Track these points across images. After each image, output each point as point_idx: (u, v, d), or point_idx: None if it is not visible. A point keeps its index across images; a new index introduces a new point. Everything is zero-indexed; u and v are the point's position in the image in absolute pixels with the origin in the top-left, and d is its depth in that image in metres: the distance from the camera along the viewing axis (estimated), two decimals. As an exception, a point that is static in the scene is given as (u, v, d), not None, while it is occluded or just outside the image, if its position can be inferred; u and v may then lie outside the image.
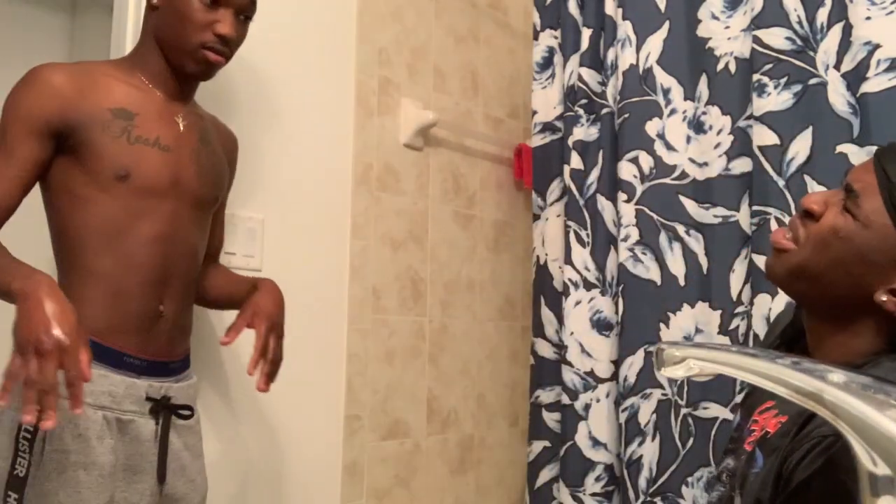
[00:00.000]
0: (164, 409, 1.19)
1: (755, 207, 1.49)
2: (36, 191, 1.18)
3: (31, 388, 0.92)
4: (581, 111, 1.80)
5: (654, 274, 1.63)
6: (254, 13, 1.30)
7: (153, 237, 1.19)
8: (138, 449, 1.16)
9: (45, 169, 1.15)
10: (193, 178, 1.25)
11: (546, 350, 1.87)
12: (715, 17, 1.61)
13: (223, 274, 1.42)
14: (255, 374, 1.24)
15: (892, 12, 1.37)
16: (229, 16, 1.24)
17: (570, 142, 1.81)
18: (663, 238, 1.63)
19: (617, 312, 1.68)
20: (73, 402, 0.95)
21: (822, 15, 1.46)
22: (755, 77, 1.50)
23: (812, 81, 1.46)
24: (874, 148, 1.36)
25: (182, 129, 1.25)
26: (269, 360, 1.26)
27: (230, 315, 1.56)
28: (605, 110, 1.76)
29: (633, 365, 1.62)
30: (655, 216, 1.64)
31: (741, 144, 1.56)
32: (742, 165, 1.55)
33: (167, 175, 1.21)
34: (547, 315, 1.87)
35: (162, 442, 1.19)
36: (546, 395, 1.86)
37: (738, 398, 1.50)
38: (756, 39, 1.51)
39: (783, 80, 1.48)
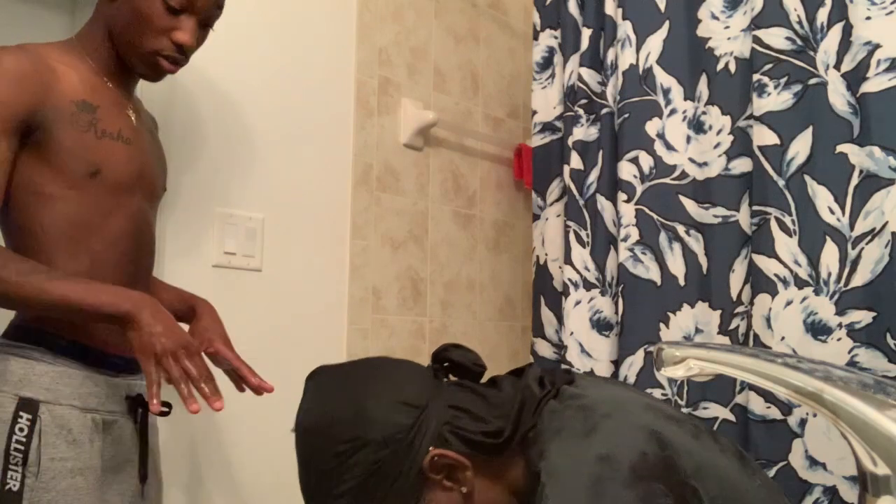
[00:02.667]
0: (140, 407, 1.18)
1: (755, 207, 1.49)
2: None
3: (188, 383, 1.03)
4: (581, 111, 1.80)
5: (654, 274, 1.63)
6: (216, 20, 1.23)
7: (122, 234, 1.15)
8: (119, 449, 1.15)
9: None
10: (151, 171, 1.23)
11: (546, 350, 1.87)
12: (715, 17, 1.61)
13: (155, 282, 1.36)
14: (251, 382, 1.24)
15: (892, 12, 1.36)
16: (191, 24, 1.16)
17: (569, 142, 1.81)
18: (663, 238, 1.63)
19: (617, 312, 1.68)
20: (215, 397, 1.05)
21: (822, 15, 1.46)
22: (755, 77, 1.50)
23: (812, 81, 1.46)
24: (874, 148, 1.37)
25: (135, 121, 1.21)
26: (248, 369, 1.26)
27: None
28: (604, 110, 1.76)
29: (633, 365, 1.62)
30: (655, 216, 1.64)
31: (741, 144, 1.56)
32: (742, 165, 1.55)
33: (133, 169, 1.17)
34: (547, 315, 1.87)
35: (142, 440, 1.17)
36: (546, 395, 1.86)
37: (739, 398, 1.50)
38: (756, 39, 1.51)
39: (783, 80, 1.48)
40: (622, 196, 1.67)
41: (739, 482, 0.82)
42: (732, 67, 1.58)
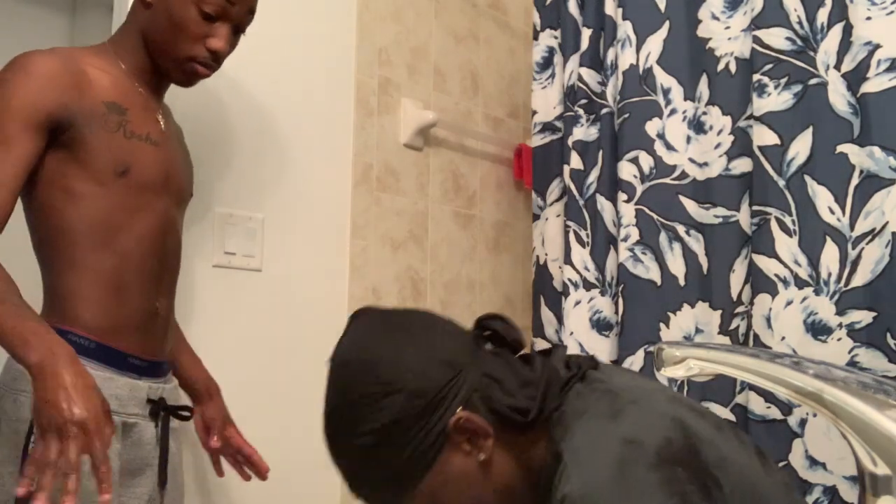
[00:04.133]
0: (163, 411, 1.18)
1: (755, 207, 1.49)
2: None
3: (48, 470, 0.87)
4: (581, 111, 1.80)
5: (654, 274, 1.63)
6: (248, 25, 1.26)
7: (148, 233, 1.16)
8: (138, 453, 1.15)
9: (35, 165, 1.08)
10: (179, 174, 1.24)
11: (546, 350, 1.87)
12: (715, 18, 1.61)
13: (185, 347, 1.37)
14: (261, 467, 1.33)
15: (892, 12, 1.36)
16: (225, 30, 1.19)
17: (569, 142, 1.81)
18: (663, 238, 1.63)
19: (617, 312, 1.68)
20: (102, 487, 0.89)
21: (823, 15, 1.46)
22: (755, 77, 1.50)
23: (812, 81, 1.46)
24: (874, 148, 1.37)
25: (163, 126, 1.23)
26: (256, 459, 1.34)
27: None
28: (604, 110, 1.76)
29: (633, 365, 1.62)
30: (655, 216, 1.64)
31: (741, 144, 1.56)
32: (742, 165, 1.55)
33: (161, 171, 1.19)
34: (547, 315, 1.87)
35: (163, 445, 1.17)
36: (546, 395, 1.86)
37: (739, 398, 1.50)
38: (756, 39, 1.51)
39: (783, 81, 1.48)
40: (622, 196, 1.67)
41: (758, 477, 0.83)
42: (733, 67, 1.58)
